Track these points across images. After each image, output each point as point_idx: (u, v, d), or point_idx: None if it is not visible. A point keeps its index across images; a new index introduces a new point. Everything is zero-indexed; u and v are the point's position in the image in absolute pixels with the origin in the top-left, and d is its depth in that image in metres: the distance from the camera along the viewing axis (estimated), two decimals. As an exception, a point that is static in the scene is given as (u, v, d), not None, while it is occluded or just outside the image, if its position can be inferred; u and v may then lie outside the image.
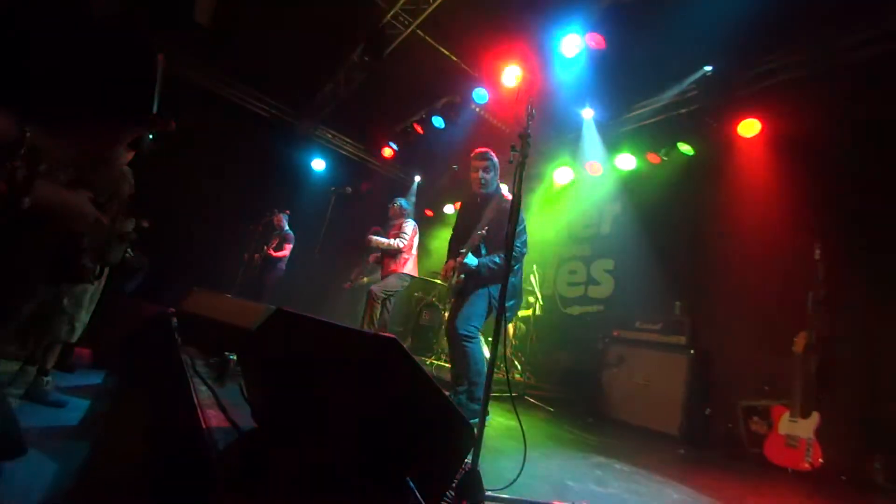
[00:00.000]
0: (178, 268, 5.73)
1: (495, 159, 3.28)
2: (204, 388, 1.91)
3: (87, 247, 1.17)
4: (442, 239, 8.84)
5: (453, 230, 3.48)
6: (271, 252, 6.54)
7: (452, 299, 3.34)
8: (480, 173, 3.23)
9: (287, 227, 6.77)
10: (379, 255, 5.29)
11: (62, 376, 3.53)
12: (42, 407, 2.81)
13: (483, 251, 3.10)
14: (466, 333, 3.00)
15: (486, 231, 3.05)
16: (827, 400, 3.24)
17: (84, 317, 3.04)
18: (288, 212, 6.81)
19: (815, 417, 3.14)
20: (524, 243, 3.11)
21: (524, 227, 3.16)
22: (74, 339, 3.02)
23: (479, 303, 3.04)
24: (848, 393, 3.38)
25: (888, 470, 3.02)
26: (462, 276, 3.08)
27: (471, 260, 3.01)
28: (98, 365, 4.15)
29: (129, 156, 0.92)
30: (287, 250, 6.63)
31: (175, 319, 3.59)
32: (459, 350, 3.02)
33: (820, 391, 3.27)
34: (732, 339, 4.26)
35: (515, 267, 3.11)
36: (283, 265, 6.63)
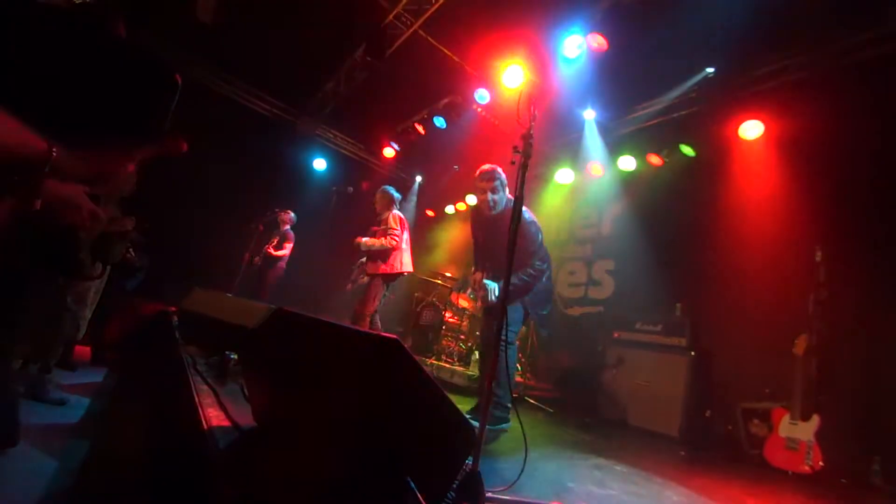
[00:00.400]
0: (179, 266, 5.73)
1: (502, 176, 3.01)
2: (204, 386, 1.92)
3: (83, 241, 1.16)
4: (443, 239, 8.84)
5: (474, 241, 3.33)
6: (271, 251, 6.54)
7: (481, 314, 3.28)
8: (489, 195, 2.96)
9: (288, 227, 6.78)
10: (363, 258, 4.80)
11: (63, 374, 3.54)
12: (43, 404, 2.82)
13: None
14: (504, 338, 2.90)
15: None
16: (827, 403, 3.23)
17: (88, 314, 3.05)
18: (290, 212, 6.82)
19: (815, 420, 3.14)
20: (543, 259, 2.95)
21: (541, 241, 2.98)
22: (80, 336, 3.03)
23: (514, 310, 2.88)
24: (848, 396, 3.38)
25: (887, 472, 3.02)
26: (491, 298, 2.89)
27: (493, 296, 2.83)
28: (99, 363, 4.15)
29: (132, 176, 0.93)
30: (287, 249, 6.63)
31: (176, 318, 3.60)
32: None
33: (820, 394, 3.26)
34: (733, 340, 4.26)
35: (546, 272, 3.03)
36: (283, 264, 6.62)
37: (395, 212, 4.70)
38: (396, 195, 4.82)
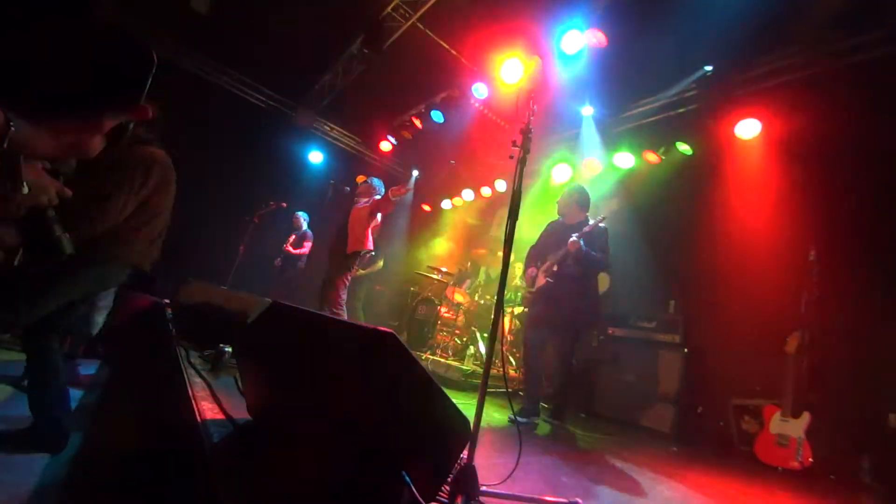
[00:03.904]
0: (173, 258, 5.69)
1: (585, 192, 3.81)
2: (199, 380, 1.91)
3: (54, 218, 1.13)
4: (439, 233, 8.82)
5: (536, 245, 3.95)
6: (289, 249, 6.68)
7: (527, 308, 4.03)
8: (561, 209, 3.81)
9: (306, 227, 6.90)
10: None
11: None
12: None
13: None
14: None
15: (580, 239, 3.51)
16: (818, 400, 3.27)
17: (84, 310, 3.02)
18: (299, 215, 6.95)
19: (805, 417, 3.17)
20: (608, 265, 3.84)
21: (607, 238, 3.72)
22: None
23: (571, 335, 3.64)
24: (838, 394, 3.42)
25: (875, 469, 3.06)
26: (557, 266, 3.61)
27: (582, 244, 3.48)
28: (91, 355, 4.12)
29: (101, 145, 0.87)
30: (306, 248, 6.78)
31: (170, 310, 3.58)
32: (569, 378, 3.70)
33: (811, 391, 3.30)
34: (726, 338, 4.28)
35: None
36: (302, 263, 6.78)
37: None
38: (380, 186, 4.74)
